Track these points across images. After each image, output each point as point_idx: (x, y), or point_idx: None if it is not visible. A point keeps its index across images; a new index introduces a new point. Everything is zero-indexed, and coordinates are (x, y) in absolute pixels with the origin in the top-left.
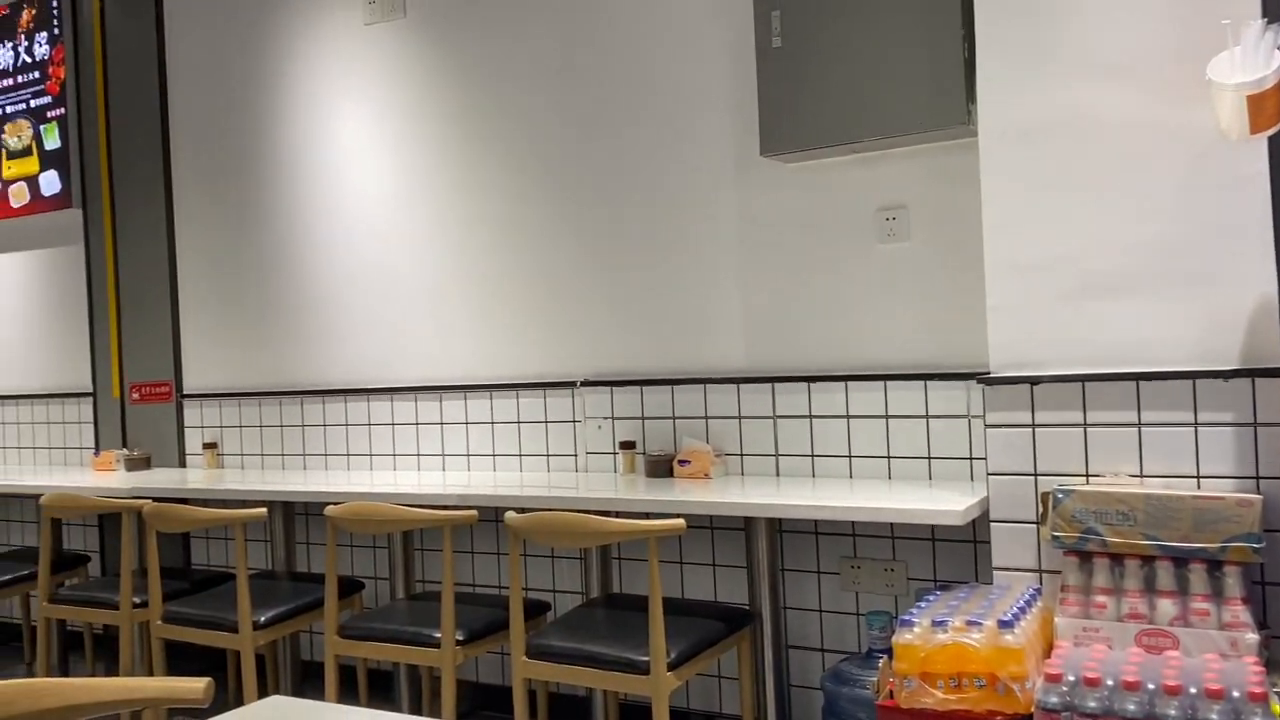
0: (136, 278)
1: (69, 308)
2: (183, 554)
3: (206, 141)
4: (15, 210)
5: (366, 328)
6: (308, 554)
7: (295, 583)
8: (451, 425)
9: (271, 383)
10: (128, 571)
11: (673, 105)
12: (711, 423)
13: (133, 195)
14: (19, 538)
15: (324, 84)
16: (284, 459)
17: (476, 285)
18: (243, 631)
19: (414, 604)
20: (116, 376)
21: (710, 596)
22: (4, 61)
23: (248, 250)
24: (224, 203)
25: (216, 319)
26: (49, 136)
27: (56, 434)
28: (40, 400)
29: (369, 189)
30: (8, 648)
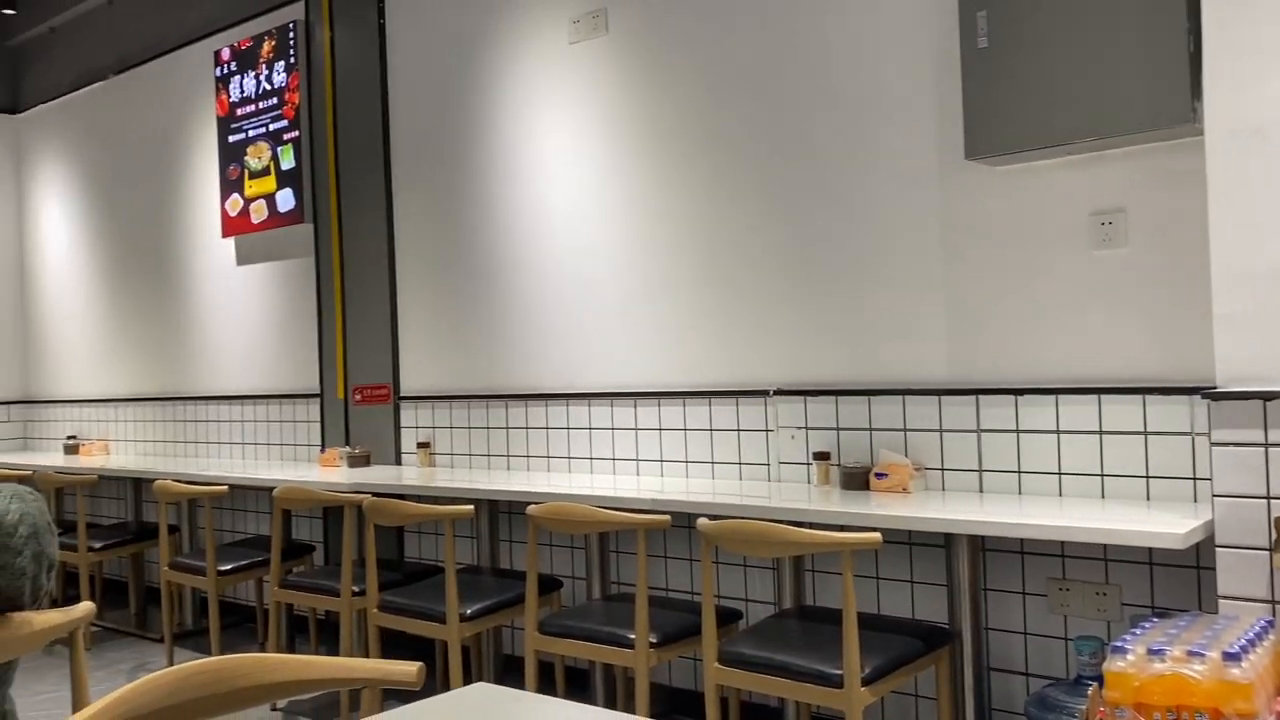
0: (360, 287)
1: (300, 315)
2: (397, 547)
3: (423, 159)
4: (255, 225)
5: (568, 335)
6: (510, 551)
7: (498, 578)
8: (646, 431)
9: (481, 386)
10: (348, 561)
11: (873, 111)
12: (911, 435)
13: (357, 210)
14: (254, 527)
15: (530, 101)
16: (490, 459)
17: (672, 294)
18: (450, 623)
19: (609, 604)
20: (341, 379)
21: (907, 613)
22: (248, 89)
23: (460, 261)
24: (438, 217)
25: (431, 326)
26: (285, 157)
27: (288, 431)
28: (274, 400)
29: (570, 201)
30: (242, 628)
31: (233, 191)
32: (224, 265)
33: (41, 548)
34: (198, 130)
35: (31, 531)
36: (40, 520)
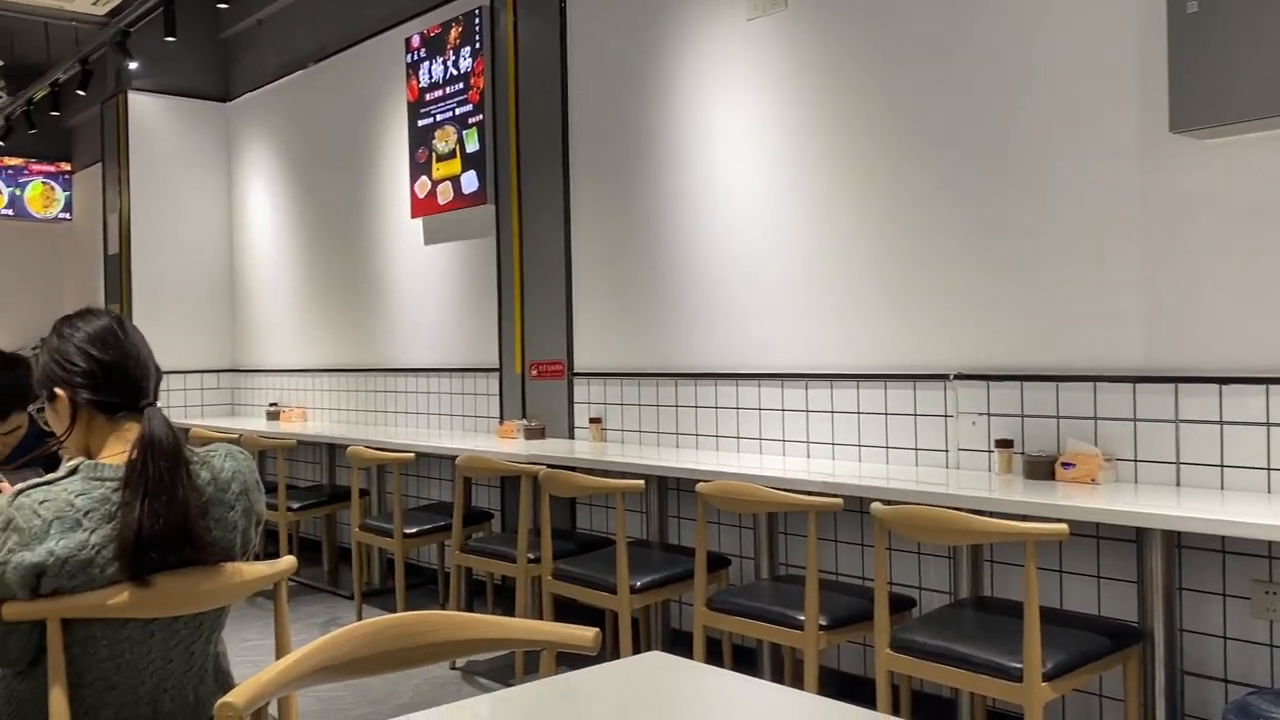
0: (538, 266)
1: (482, 293)
2: (570, 517)
3: (599, 140)
4: (442, 206)
5: (740, 315)
6: (678, 527)
7: (667, 553)
8: (817, 414)
9: (652, 364)
10: (524, 529)
11: (1064, 82)
12: (1101, 424)
13: (537, 191)
14: (436, 493)
15: (706, 79)
16: (659, 436)
17: (846, 274)
18: (621, 593)
19: (778, 585)
20: (519, 355)
21: (1092, 610)
22: (436, 74)
23: (633, 241)
24: (614, 197)
25: (604, 304)
26: (470, 140)
27: (469, 403)
28: (456, 373)
29: (745, 179)
30: (425, 589)
31: (421, 174)
32: (413, 244)
33: (251, 504)
34: (389, 115)
35: (243, 488)
36: (250, 478)
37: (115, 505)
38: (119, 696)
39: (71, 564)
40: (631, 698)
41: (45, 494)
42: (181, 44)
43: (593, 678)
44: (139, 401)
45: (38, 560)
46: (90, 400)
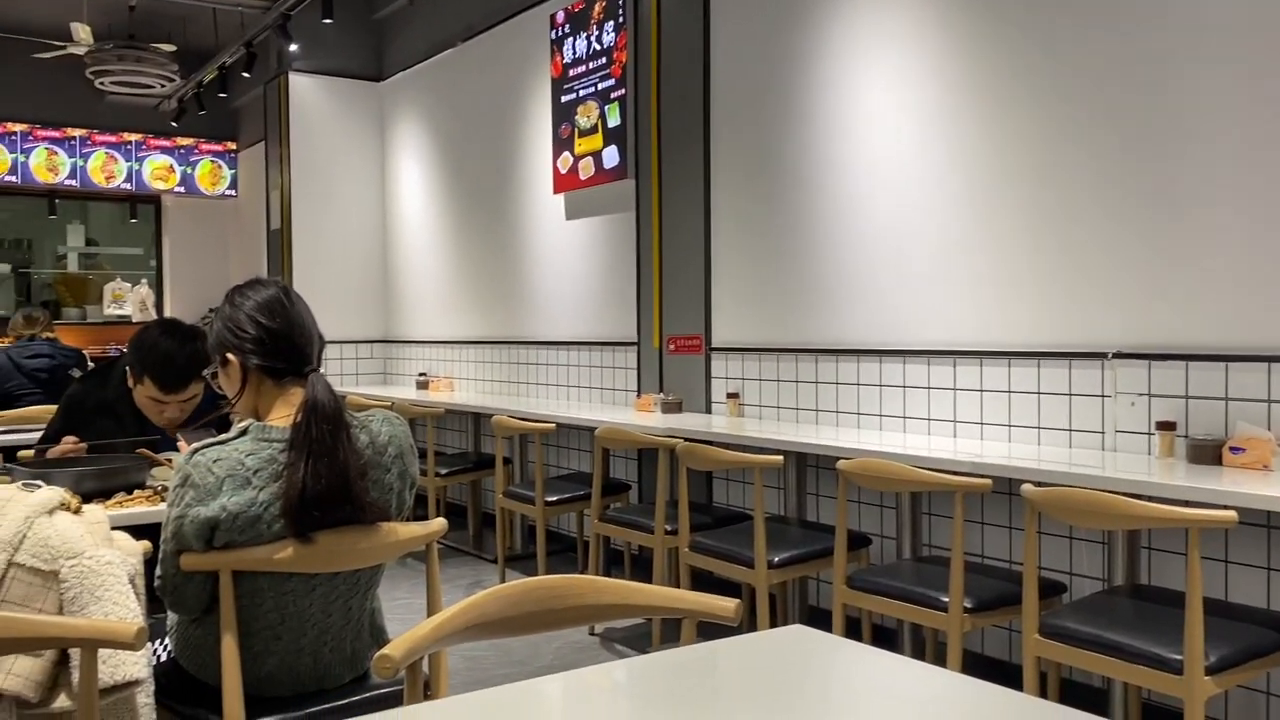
0: (677, 240)
1: (621, 268)
2: (706, 491)
3: (741, 113)
4: (583, 182)
5: (885, 289)
6: (817, 505)
7: (805, 530)
8: (965, 391)
9: (791, 339)
10: (661, 501)
11: (1231, 51)
12: (1275, 407)
13: (677, 166)
14: (575, 463)
15: (852, 49)
16: (798, 412)
17: (998, 247)
18: (758, 568)
19: (921, 565)
20: (657, 329)
21: (1260, 603)
22: (580, 50)
23: (774, 214)
24: (755, 171)
25: (743, 279)
26: (611, 115)
27: (607, 376)
28: (595, 347)
29: (891, 150)
30: (564, 556)
31: (564, 149)
32: (554, 220)
33: (405, 467)
34: (534, 91)
35: (398, 452)
36: (405, 443)
37: (281, 465)
38: (283, 646)
39: (241, 519)
40: (773, 669)
41: (218, 453)
42: (338, 26)
43: (733, 648)
44: (303, 367)
45: (211, 515)
46: (259, 365)
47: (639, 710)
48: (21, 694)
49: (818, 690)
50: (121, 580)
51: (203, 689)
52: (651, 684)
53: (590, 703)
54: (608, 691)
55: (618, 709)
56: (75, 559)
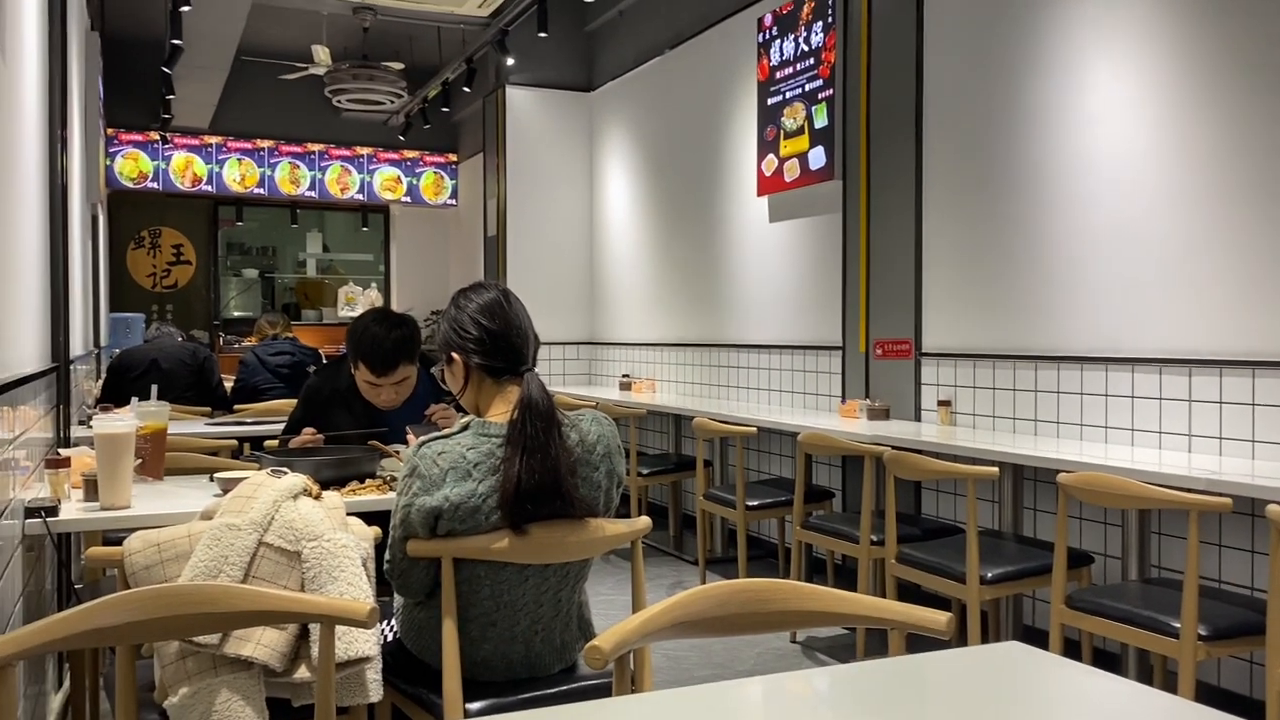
0: (885, 242)
1: (826, 270)
2: (914, 502)
3: (956, 111)
4: (788, 184)
5: (1108, 292)
6: (1034, 520)
7: (1021, 545)
8: (1202, 404)
9: (1006, 345)
10: (867, 510)
11: None
12: None
13: (886, 166)
14: (776, 468)
15: (1078, 42)
16: (1015, 422)
17: (1238, 247)
18: (970, 583)
19: (1148, 588)
20: (863, 333)
21: None
22: (787, 52)
23: (989, 215)
24: (969, 170)
25: (956, 281)
26: (818, 116)
27: (810, 381)
28: (798, 350)
29: (1119, 147)
30: (764, 562)
31: (768, 152)
32: (758, 222)
33: (613, 466)
34: (739, 95)
35: (606, 451)
36: (613, 443)
37: (499, 459)
38: (497, 633)
39: (462, 509)
40: (987, 685)
41: (443, 446)
42: (551, 39)
43: (944, 662)
44: (520, 366)
45: (435, 504)
46: (480, 364)
47: (842, 719)
48: (269, 663)
49: (1037, 710)
50: (355, 562)
51: (424, 669)
52: (855, 694)
53: (792, 709)
54: (810, 699)
55: (820, 717)
56: (316, 541)
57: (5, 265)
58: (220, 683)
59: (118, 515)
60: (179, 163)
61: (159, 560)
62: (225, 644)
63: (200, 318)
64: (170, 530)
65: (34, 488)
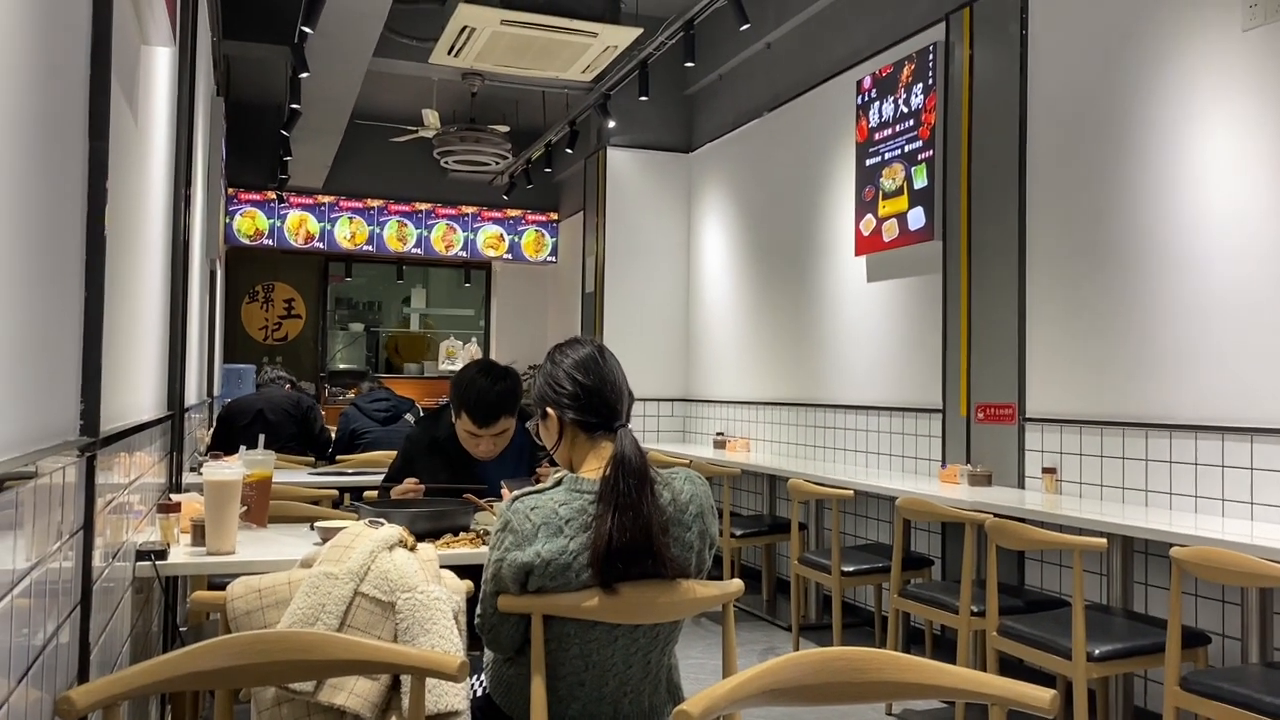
0: (987, 303)
1: (925, 331)
2: (1017, 572)
3: (1061, 171)
4: (886, 244)
5: (1221, 358)
6: (1145, 595)
7: (1131, 621)
8: None
9: (1115, 412)
10: (968, 580)
11: None
12: None
13: (988, 226)
14: (873, 533)
15: (1190, 97)
16: (1124, 492)
17: None
18: (1076, 659)
19: (1271, 672)
20: (964, 396)
21: None
22: (886, 114)
23: (1097, 276)
24: (1076, 231)
25: (1062, 345)
26: (918, 177)
27: (909, 444)
28: (896, 413)
29: (1231, 207)
30: (860, 630)
31: (866, 212)
32: (855, 282)
33: (706, 526)
34: (837, 155)
35: (699, 511)
36: (706, 503)
37: (591, 516)
38: (586, 693)
39: (553, 566)
40: None
41: (536, 501)
42: (652, 102)
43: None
44: (613, 423)
45: (527, 560)
46: (574, 419)
47: None
48: (361, 713)
49: None
50: (448, 615)
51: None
52: None
53: None
54: None
55: None
56: (410, 593)
57: (129, 318)
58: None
59: (223, 560)
60: (293, 221)
61: (260, 606)
62: (320, 692)
63: (308, 369)
64: (272, 577)
65: (145, 531)
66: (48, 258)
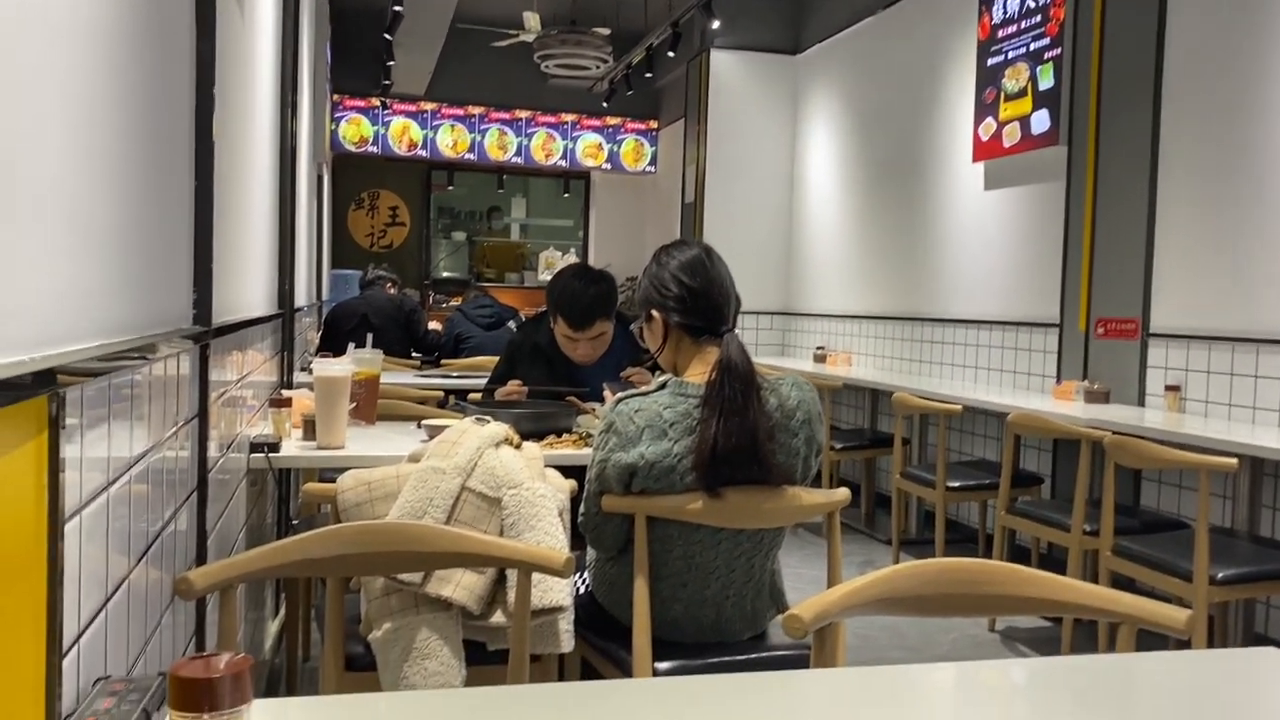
0: (1113, 213)
1: (1045, 241)
2: (1132, 492)
3: (1201, 74)
4: (1007, 149)
5: None
6: (1272, 519)
7: (1258, 546)
8: None
9: (1249, 328)
10: (1081, 498)
11: None
12: None
13: (1118, 131)
14: (979, 450)
15: None
16: (1255, 412)
17: None
18: (1198, 582)
19: None
20: (1084, 310)
21: None
22: (1011, 9)
23: (1236, 186)
24: (1215, 137)
25: (1193, 257)
26: (1043, 77)
27: (1021, 360)
28: (1009, 327)
29: None
30: (961, 547)
31: (986, 115)
32: (971, 190)
33: (812, 433)
34: (956, 56)
35: (806, 418)
36: (813, 409)
37: (695, 420)
38: (688, 594)
39: (657, 469)
40: (1232, 693)
41: (640, 404)
42: (758, 1)
43: (1173, 666)
44: (720, 327)
45: (630, 461)
46: (679, 323)
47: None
48: (467, 605)
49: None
50: (553, 512)
51: (614, 625)
52: (1079, 690)
53: (992, 699)
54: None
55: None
56: (516, 489)
57: (238, 215)
58: (421, 621)
59: (332, 454)
60: (397, 128)
61: (369, 499)
62: (427, 583)
63: (412, 277)
64: (380, 470)
65: (258, 426)
66: (158, 148)
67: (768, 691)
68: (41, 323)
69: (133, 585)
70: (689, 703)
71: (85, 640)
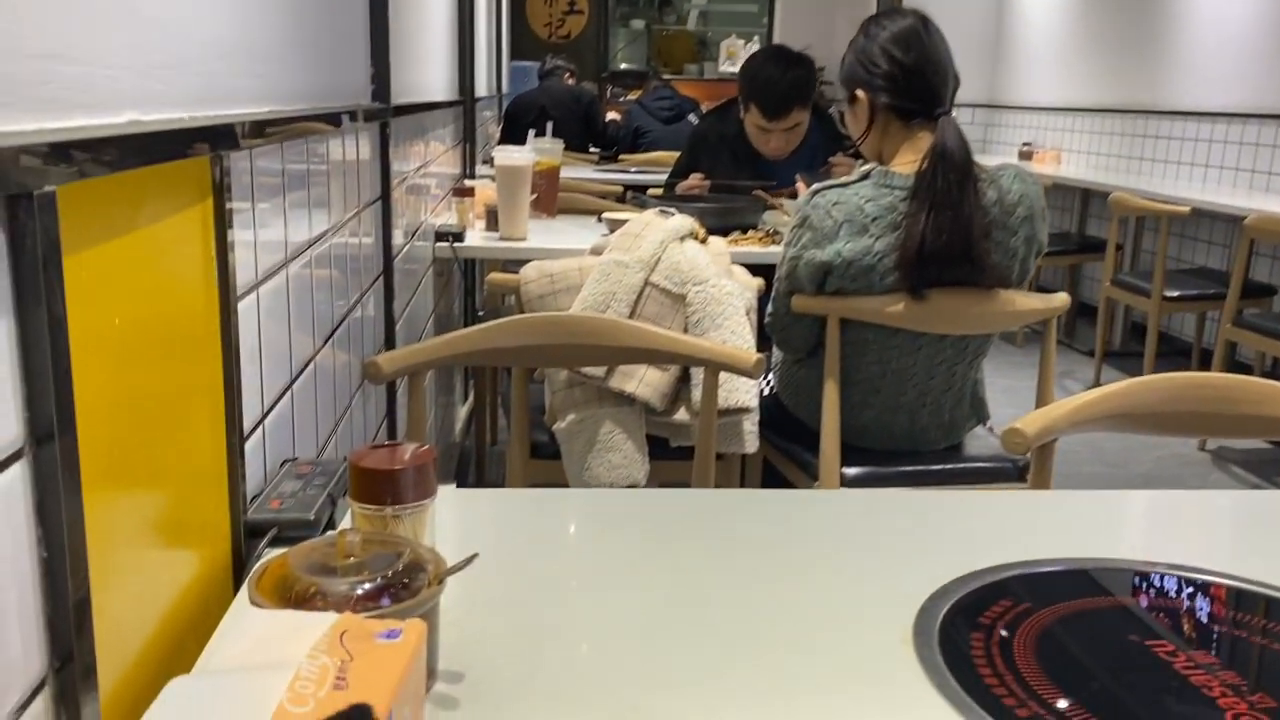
0: None
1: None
2: None
3: None
4: None
5: None
6: None
7: None
8: None
9: None
10: None
11: None
12: None
13: None
14: (1202, 258)
15: None
16: None
17: None
18: None
19: None
20: None
21: None
22: None
23: None
24: None
25: None
26: None
27: (1263, 157)
28: (1250, 120)
29: None
30: (1171, 360)
31: None
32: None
33: (1034, 231)
34: None
35: (1028, 214)
36: (1037, 205)
37: (901, 215)
38: (881, 400)
39: (855, 267)
40: None
41: (838, 196)
42: None
43: None
44: (935, 110)
45: (826, 259)
46: (888, 104)
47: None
48: (650, 401)
49: None
50: (739, 310)
51: (800, 428)
52: None
53: (1206, 528)
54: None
55: None
56: (701, 285)
57: (419, 3)
58: (604, 414)
59: (515, 245)
60: None
61: (552, 290)
62: (610, 378)
63: (590, 70)
64: (563, 262)
65: (441, 215)
66: None
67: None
68: (205, 79)
69: (319, 367)
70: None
71: (270, 421)
